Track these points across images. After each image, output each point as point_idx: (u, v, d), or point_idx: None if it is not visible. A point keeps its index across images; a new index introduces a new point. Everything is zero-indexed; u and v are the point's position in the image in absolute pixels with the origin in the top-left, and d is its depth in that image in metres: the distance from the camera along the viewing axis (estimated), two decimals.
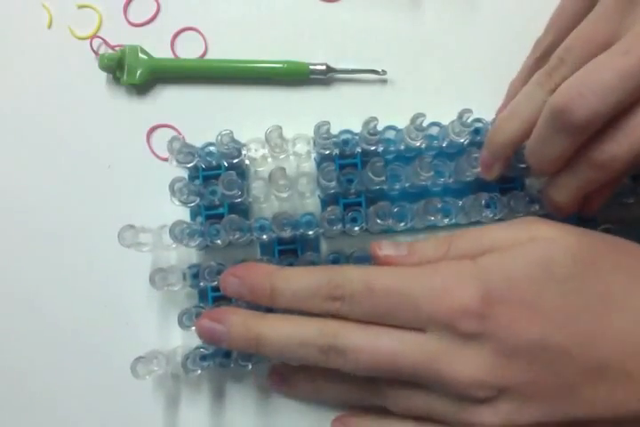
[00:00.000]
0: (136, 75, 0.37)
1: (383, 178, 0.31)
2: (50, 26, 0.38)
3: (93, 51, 0.38)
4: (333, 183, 0.31)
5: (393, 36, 0.37)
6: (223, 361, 0.32)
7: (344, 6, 0.38)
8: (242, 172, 0.34)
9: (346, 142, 0.33)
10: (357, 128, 0.33)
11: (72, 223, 0.36)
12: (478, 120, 0.33)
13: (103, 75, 0.37)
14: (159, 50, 0.37)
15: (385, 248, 0.29)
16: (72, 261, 0.36)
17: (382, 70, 0.36)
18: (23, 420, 0.35)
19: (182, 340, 0.34)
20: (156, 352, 0.32)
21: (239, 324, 0.29)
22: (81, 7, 0.38)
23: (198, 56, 0.38)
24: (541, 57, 0.31)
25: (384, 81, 0.37)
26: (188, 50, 0.38)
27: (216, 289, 0.32)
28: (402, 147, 0.33)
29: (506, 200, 0.32)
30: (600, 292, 0.25)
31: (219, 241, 0.32)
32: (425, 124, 0.32)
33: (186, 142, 0.33)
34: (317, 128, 0.32)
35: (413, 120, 0.32)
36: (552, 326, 0.25)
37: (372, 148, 0.33)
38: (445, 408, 0.27)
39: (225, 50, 0.37)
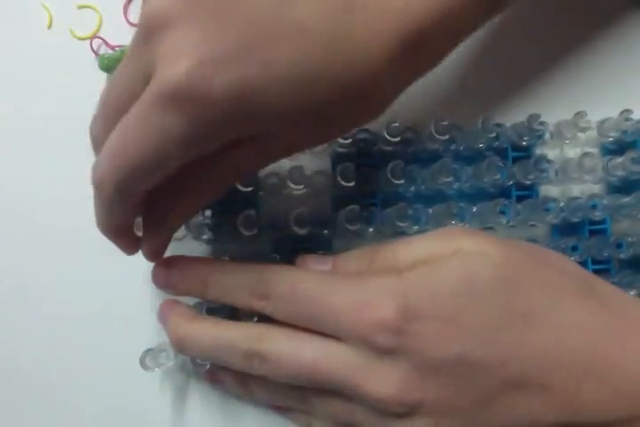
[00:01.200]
0: None
1: (402, 181, 0.31)
2: (50, 26, 0.38)
3: (93, 51, 0.38)
4: (351, 183, 0.31)
5: None
6: None
7: None
8: None
9: (364, 141, 0.33)
10: (373, 128, 0.33)
11: (73, 222, 0.36)
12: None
13: (103, 75, 0.37)
14: None
15: (310, 263, 0.29)
16: (74, 259, 0.36)
17: None
18: (29, 418, 0.35)
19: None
20: (164, 345, 0.32)
21: (170, 322, 0.29)
22: (81, 7, 0.38)
23: None
24: None
25: None
26: None
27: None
28: (418, 149, 0.33)
29: (520, 208, 0.32)
30: (522, 308, 0.25)
31: (228, 236, 0.32)
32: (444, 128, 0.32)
33: None
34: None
35: (436, 124, 0.32)
36: (471, 342, 0.25)
37: (391, 148, 0.33)
38: (367, 420, 0.27)
39: None
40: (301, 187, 0.32)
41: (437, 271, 0.26)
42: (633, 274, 0.33)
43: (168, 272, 0.30)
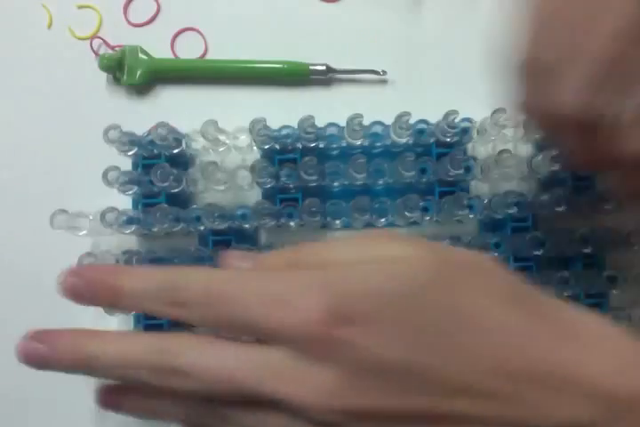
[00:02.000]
0: (136, 75, 0.37)
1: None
2: (50, 26, 0.38)
3: (93, 51, 0.38)
4: (266, 180, 0.31)
5: (393, 36, 0.37)
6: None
7: (344, 6, 0.38)
8: (185, 161, 0.35)
9: (286, 137, 0.33)
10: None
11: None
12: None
13: (103, 75, 0.37)
14: (159, 50, 0.37)
15: (231, 260, 0.28)
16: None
17: (382, 70, 0.36)
18: None
19: (117, 325, 0.34)
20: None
21: (67, 343, 0.26)
22: (81, 7, 0.38)
23: (198, 56, 0.38)
24: None
25: (384, 81, 0.37)
26: (188, 50, 0.38)
27: None
28: (344, 143, 0.34)
29: (443, 204, 0.32)
30: (452, 311, 0.24)
31: (155, 229, 0.32)
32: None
33: (125, 131, 0.33)
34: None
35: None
36: (400, 344, 0.23)
37: (312, 144, 0.33)
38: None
39: (225, 50, 0.37)
40: (222, 182, 0.32)
41: (365, 272, 0.24)
42: (554, 273, 0.33)
43: (76, 280, 0.27)
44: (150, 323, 0.33)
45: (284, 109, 0.37)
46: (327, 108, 0.36)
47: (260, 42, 0.37)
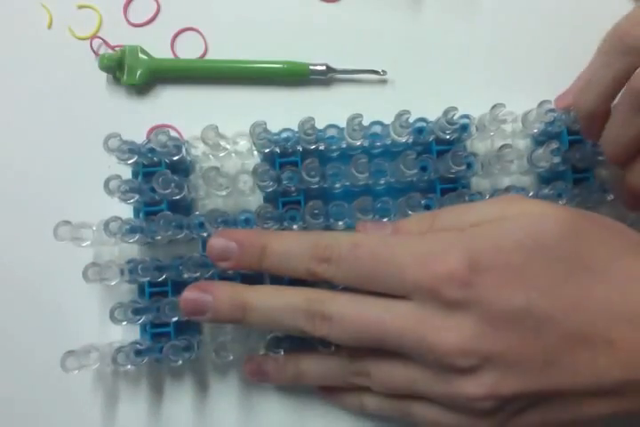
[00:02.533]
0: (136, 75, 0.37)
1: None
2: (50, 26, 0.38)
3: (93, 51, 0.38)
4: (268, 183, 0.31)
5: (393, 35, 0.37)
6: (159, 357, 0.32)
7: (344, 6, 0.38)
8: (185, 168, 0.35)
9: (286, 140, 0.33)
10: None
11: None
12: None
13: (103, 75, 0.37)
14: (159, 50, 0.37)
15: (370, 229, 0.30)
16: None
17: (382, 70, 0.36)
18: None
19: (123, 336, 0.34)
20: (90, 347, 0.31)
21: (225, 293, 0.29)
22: (81, 7, 0.38)
23: (198, 56, 0.38)
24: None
25: (384, 81, 0.37)
26: (188, 50, 0.38)
27: (153, 285, 0.32)
28: (344, 144, 0.33)
29: (443, 200, 0.32)
30: (585, 263, 0.25)
31: (158, 237, 0.32)
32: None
33: (125, 140, 0.32)
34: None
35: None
36: (537, 293, 0.25)
37: (312, 147, 0.33)
38: (428, 381, 0.27)
39: (225, 50, 0.37)
40: (223, 188, 0.32)
41: (502, 227, 0.26)
42: None
43: (226, 243, 0.29)
44: (157, 331, 0.33)
45: (283, 110, 0.37)
46: (327, 109, 0.36)
47: (259, 42, 0.37)
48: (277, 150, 0.33)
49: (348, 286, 0.28)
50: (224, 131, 0.33)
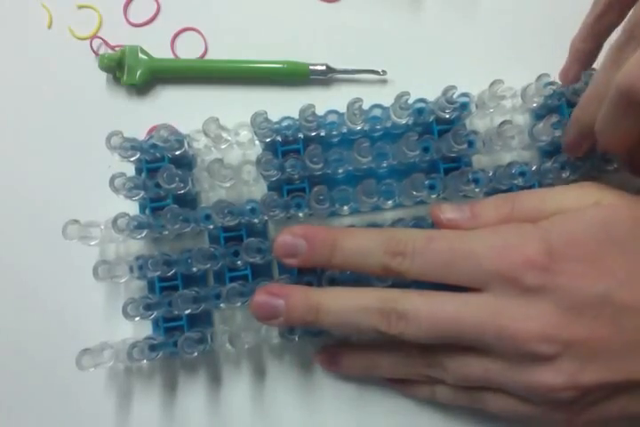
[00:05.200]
0: (136, 75, 0.37)
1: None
2: (50, 26, 0.38)
3: (93, 51, 0.38)
4: (272, 172, 0.31)
5: (393, 35, 0.37)
6: (173, 350, 0.32)
7: (344, 6, 0.38)
8: (188, 162, 0.35)
9: (287, 128, 0.33)
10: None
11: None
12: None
13: (103, 75, 0.37)
14: (159, 50, 0.37)
15: (446, 211, 0.29)
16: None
17: (382, 70, 0.36)
18: None
19: (133, 333, 0.34)
20: (104, 344, 0.31)
21: (297, 296, 0.29)
22: (81, 7, 0.38)
23: (198, 56, 0.38)
24: (601, 14, 0.30)
25: (384, 81, 0.37)
26: (188, 50, 0.38)
27: (163, 280, 0.32)
28: (345, 129, 0.33)
29: (447, 180, 0.31)
30: None
31: (166, 232, 0.32)
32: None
33: (126, 137, 0.32)
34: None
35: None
36: (615, 282, 0.25)
37: (313, 133, 0.33)
38: (506, 372, 0.27)
39: (225, 50, 0.37)
40: (228, 179, 0.32)
41: (577, 219, 0.27)
42: None
43: (294, 240, 0.29)
44: (170, 326, 0.33)
45: (283, 109, 0.36)
46: (327, 109, 0.36)
47: (259, 42, 0.37)
48: (279, 139, 0.33)
49: (422, 279, 0.28)
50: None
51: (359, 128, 0.33)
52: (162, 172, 0.31)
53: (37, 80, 0.38)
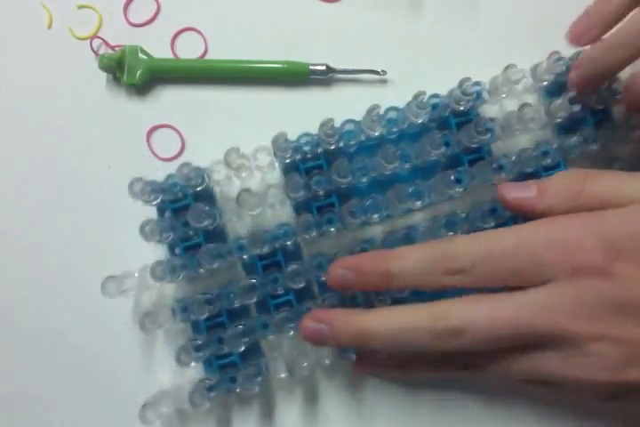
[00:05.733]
0: (136, 75, 0.37)
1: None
2: (50, 26, 0.38)
3: (93, 51, 0.38)
4: (300, 193, 0.31)
5: (393, 36, 0.37)
6: (230, 387, 0.31)
7: (344, 6, 0.38)
8: (209, 195, 0.34)
9: (306, 144, 0.33)
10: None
11: (72, 220, 0.36)
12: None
13: (103, 75, 0.37)
14: (159, 50, 0.37)
15: (513, 191, 0.29)
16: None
17: (382, 70, 0.36)
18: None
19: (181, 377, 0.34)
20: (161, 393, 0.31)
21: (340, 321, 0.29)
22: (81, 7, 0.38)
23: (198, 56, 0.38)
24: None
25: (384, 81, 0.37)
26: (188, 50, 0.38)
27: (207, 318, 0.32)
28: (362, 137, 0.33)
29: (474, 171, 0.31)
30: None
31: (202, 270, 0.31)
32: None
33: (146, 180, 0.32)
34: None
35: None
36: None
37: (333, 147, 0.32)
38: (553, 364, 0.27)
39: (225, 50, 0.37)
40: (257, 207, 0.31)
41: (637, 215, 0.26)
42: None
43: (342, 272, 0.29)
44: (223, 363, 0.32)
45: (284, 109, 0.37)
46: (327, 109, 0.36)
47: (260, 42, 0.37)
48: (299, 157, 0.32)
49: (486, 285, 0.27)
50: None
51: (377, 134, 0.32)
52: (192, 212, 0.31)
53: (37, 80, 0.38)
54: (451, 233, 0.31)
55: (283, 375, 0.32)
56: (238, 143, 0.32)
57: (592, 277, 0.25)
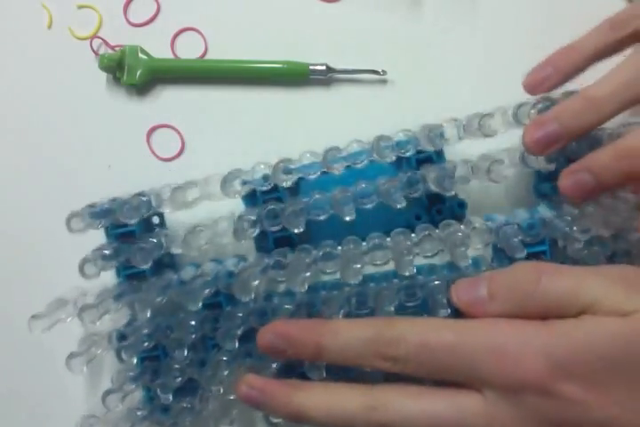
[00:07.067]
0: (136, 75, 0.37)
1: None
2: (50, 26, 0.38)
3: (93, 51, 0.38)
4: (252, 230, 0.30)
5: (393, 36, 0.37)
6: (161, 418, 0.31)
7: (344, 6, 0.38)
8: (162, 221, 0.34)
9: (264, 179, 0.31)
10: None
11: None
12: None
13: (103, 75, 0.37)
14: (159, 50, 0.37)
15: (462, 293, 0.27)
16: None
17: (382, 70, 0.36)
18: None
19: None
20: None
21: (277, 397, 0.27)
22: (81, 7, 0.38)
23: (198, 56, 0.38)
24: (619, 41, 0.30)
25: (384, 81, 0.37)
26: (188, 50, 0.38)
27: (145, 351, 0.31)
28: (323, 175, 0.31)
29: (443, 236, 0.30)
30: None
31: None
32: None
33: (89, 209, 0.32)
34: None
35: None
36: (618, 410, 0.24)
37: (289, 184, 0.31)
38: None
39: (225, 50, 0.37)
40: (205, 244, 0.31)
41: (597, 331, 0.24)
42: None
43: (273, 339, 0.28)
44: None
45: (283, 109, 0.37)
46: (327, 109, 0.36)
47: (260, 42, 0.37)
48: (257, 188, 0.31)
49: (418, 376, 0.26)
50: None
51: (337, 172, 0.31)
52: (134, 253, 0.30)
53: (37, 80, 0.38)
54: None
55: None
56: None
57: (531, 393, 0.24)
